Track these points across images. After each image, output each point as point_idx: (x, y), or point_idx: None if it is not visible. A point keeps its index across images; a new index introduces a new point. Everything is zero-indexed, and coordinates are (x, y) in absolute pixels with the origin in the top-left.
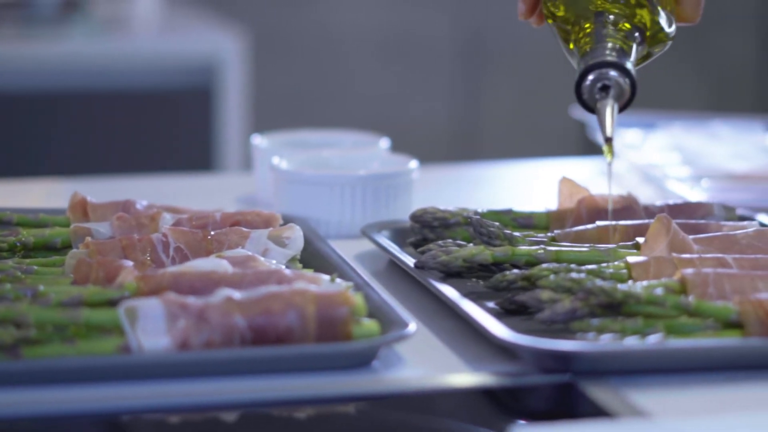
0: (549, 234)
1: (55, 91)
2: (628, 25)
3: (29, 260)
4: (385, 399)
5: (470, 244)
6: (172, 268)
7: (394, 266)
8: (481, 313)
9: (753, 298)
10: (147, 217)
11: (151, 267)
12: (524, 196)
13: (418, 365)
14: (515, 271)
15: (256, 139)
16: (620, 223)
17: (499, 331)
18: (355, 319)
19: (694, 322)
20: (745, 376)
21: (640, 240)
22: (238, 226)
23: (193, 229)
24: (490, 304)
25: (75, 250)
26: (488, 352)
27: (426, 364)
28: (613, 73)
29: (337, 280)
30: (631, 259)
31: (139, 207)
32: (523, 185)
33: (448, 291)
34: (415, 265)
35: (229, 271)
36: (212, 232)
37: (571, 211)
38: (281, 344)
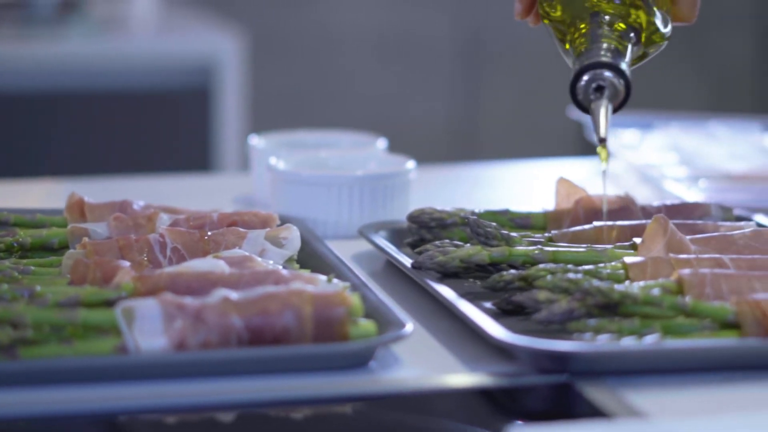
0: (546, 234)
1: (53, 92)
2: (623, 26)
3: (26, 261)
4: (382, 399)
5: (467, 245)
6: (169, 269)
7: (392, 266)
8: (478, 314)
9: (750, 298)
10: (144, 218)
11: (148, 267)
12: (522, 196)
13: (415, 365)
14: (512, 271)
15: (254, 140)
16: (617, 223)
17: (496, 331)
18: (352, 319)
19: (691, 323)
20: (741, 377)
21: (638, 240)
22: (235, 227)
23: (190, 230)
24: (487, 305)
25: (72, 251)
26: (485, 353)
27: (423, 364)
28: (607, 74)
29: (334, 281)
30: (628, 260)
31: (136, 207)
32: (521, 185)
33: (445, 291)
34: (412, 266)
35: (226, 272)
36: (209, 233)
37: (569, 212)
38: (278, 345)
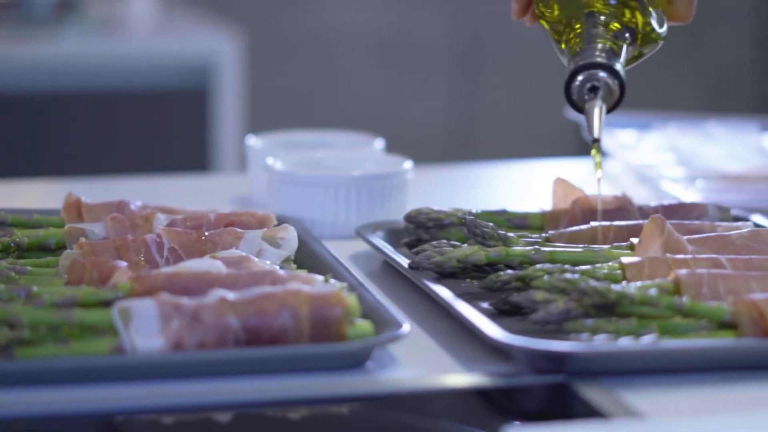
0: (543, 234)
1: (50, 92)
2: (618, 26)
3: (23, 261)
4: (379, 399)
5: (464, 245)
6: (166, 269)
7: (389, 267)
8: (475, 314)
9: (747, 298)
10: (141, 218)
11: (145, 268)
12: (519, 196)
13: (412, 366)
14: (509, 271)
15: (251, 140)
16: (614, 223)
17: (493, 331)
18: (349, 319)
19: (688, 323)
20: (738, 377)
21: (635, 240)
22: (233, 227)
23: (187, 230)
24: (484, 305)
25: (69, 251)
26: (482, 353)
27: (420, 364)
28: (602, 74)
29: (331, 281)
30: (626, 260)
31: (134, 207)
32: (518, 186)
33: (442, 291)
34: (409, 266)
35: (223, 272)
36: (206, 233)
37: (566, 212)
38: (275, 345)
